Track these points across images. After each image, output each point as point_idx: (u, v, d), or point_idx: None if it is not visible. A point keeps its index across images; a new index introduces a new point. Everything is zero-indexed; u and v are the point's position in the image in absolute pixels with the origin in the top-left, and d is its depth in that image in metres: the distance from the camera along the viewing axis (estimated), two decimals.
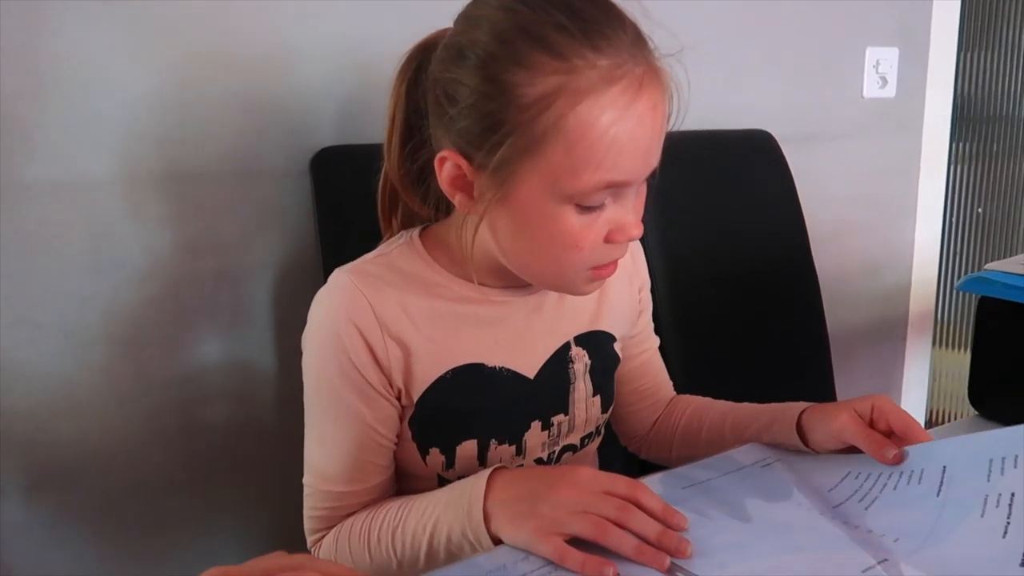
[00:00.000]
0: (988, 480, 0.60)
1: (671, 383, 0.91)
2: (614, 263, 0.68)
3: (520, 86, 0.59)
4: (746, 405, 0.82)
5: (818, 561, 0.57)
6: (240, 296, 1.00)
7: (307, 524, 0.73)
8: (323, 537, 0.72)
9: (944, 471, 0.64)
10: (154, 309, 0.95)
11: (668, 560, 0.56)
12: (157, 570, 1.00)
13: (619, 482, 0.60)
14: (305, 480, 0.72)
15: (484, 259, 0.70)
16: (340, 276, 0.71)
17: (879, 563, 0.56)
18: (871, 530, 0.61)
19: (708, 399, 0.87)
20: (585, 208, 0.63)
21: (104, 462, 0.94)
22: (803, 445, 0.72)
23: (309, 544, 0.73)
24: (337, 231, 0.95)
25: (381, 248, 0.75)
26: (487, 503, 0.61)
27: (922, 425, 0.68)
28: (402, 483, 0.75)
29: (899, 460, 0.65)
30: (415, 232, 0.75)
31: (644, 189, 0.68)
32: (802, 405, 0.75)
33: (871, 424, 0.68)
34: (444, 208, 0.73)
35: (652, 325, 0.89)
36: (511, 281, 0.72)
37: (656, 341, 0.90)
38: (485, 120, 0.61)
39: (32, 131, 0.86)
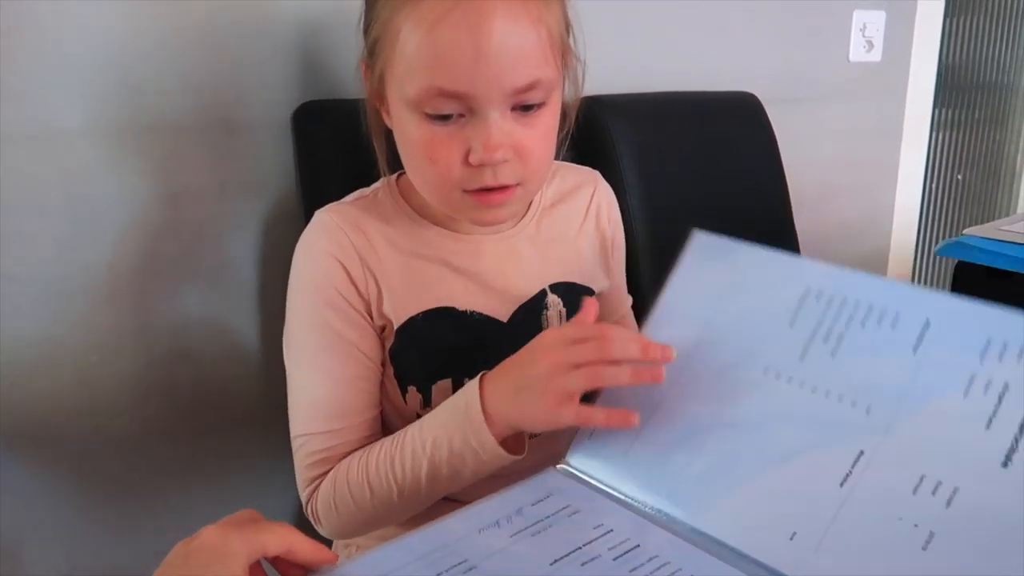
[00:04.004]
0: (981, 361, 0.54)
1: None
2: (494, 191, 0.66)
3: None
4: None
5: (796, 475, 0.56)
6: (221, 250, 0.99)
7: (301, 477, 0.72)
8: (319, 485, 0.70)
9: (927, 326, 0.57)
10: (133, 262, 0.94)
11: (663, 370, 0.59)
12: (139, 524, 1.00)
13: (582, 328, 0.62)
14: (294, 434, 0.72)
15: None
16: (321, 216, 0.74)
17: (855, 462, 0.54)
18: (841, 395, 0.57)
19: None
20: (431, 117, 0.63)
21: (83, 417, 0.94)
22: None
23: (304, 499, 0.72)
24: (319, 186, 0.94)
25: (360, 192, 0.78)
26: (485, 405, 0.62)
27: None
28: (387, 423, 0.77)
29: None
30: (393, 177, 0.77)
31: (539, 120, 0.66)
32: None
33: None
34: None
35: (625, 285, 0.90)
36: (478, 226, 0.75)
37: (630, 300, 0.91)
38: (364, 22, 0.67)
39: (2, 79, 0.84)
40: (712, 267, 0.68)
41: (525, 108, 0.65)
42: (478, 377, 0.64)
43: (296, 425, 0.72)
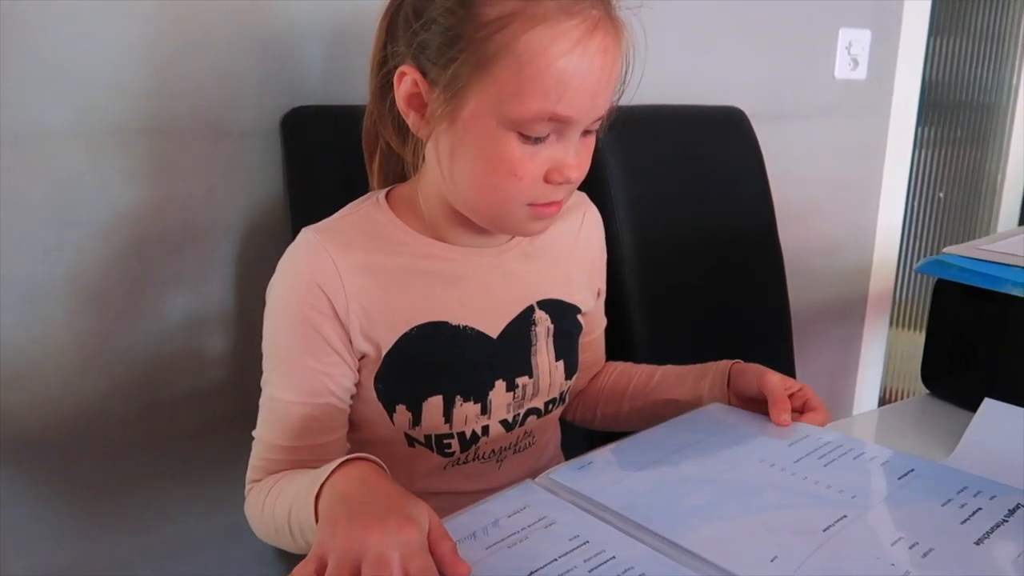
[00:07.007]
0: (957, 494, 0.63)
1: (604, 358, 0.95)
2: (556, 204, 0.70)
3: (482, 4, 0.63)
4: (671, 366, 0.89)
5: (782, 520, 0.59)
6: (206, 255, 0.99)
7: (249, 472, 0.73)
8: (252, 489, 0.72)
9: (912, 470, 0.67)
10: (119, 265, 0.94)
11: None
12: (119, 530, 1.00)
13: (420, 559, 0.50)
14: (256, 431, 0.73)
15: (439, 204, 0.73)
16: (307, 235, 0.73)
17: (839, 520, 0.58)
18: (829, 485, 0.63)
19: (632, 363, 0.93)
20: (527, 138, 0.65)
21: (65, 419, 0.94)
22: (726, 389, 0.81)
23: (245, 492, 0.73)
24: (306, 193, 0.94)
25: (348, 208, 0.77)
26: (320, 495, 0.57)
27: (876, 403, 0.71)
28: (369, 448, 0.75)
29: (787, 424, 0.74)
30: (381, 193, 0.77)
31: (591, 141, 0.70)
32: (731, 361, 0.82)
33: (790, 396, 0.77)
34: (420, 159, 0.75)
35: (603, 308, 0.92)
36: (474, 239, 0.75)
37: (604, 323, 0.93)
38: (445, 34, 0.64)
39: None
40: (727, 411, 0.79)
41: (586, 132, 0.68)
42: (353, 456, 0.60)
43: (259, 424, 0.73)
